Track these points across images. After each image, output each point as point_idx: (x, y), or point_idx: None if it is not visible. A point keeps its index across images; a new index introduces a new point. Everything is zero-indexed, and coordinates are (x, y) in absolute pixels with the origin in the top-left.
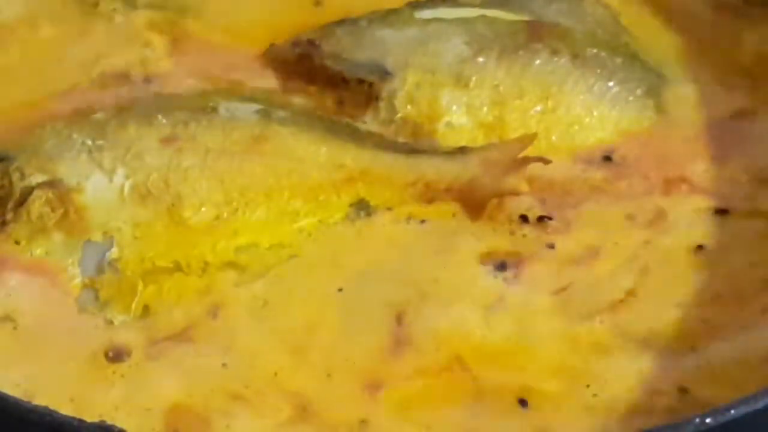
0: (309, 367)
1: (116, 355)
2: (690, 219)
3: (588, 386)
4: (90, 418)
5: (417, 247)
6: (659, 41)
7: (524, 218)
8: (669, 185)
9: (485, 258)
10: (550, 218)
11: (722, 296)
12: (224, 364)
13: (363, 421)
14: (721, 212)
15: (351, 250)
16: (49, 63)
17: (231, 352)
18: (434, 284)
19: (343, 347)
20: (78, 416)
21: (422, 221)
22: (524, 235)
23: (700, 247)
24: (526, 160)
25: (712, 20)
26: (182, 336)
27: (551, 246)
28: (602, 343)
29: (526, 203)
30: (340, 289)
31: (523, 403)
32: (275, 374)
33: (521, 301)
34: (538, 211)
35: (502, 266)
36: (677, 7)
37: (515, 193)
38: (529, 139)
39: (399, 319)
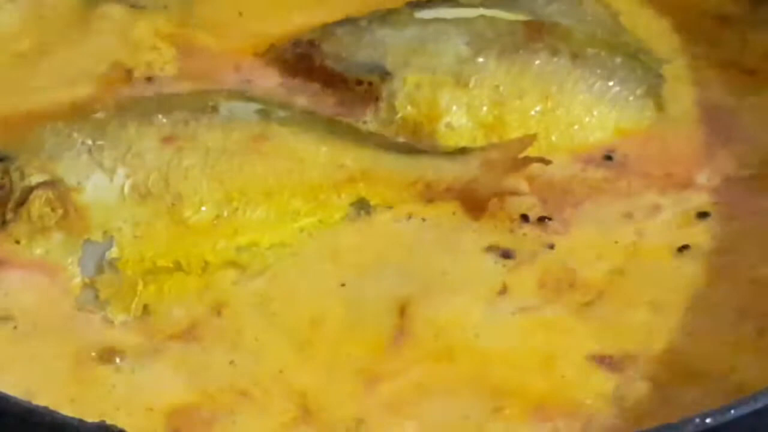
0: (312, 363)
1: (116, 355)
2: (689, 219)
3: (579, 386)
4: (90, 418)
5: (419, 243)
6: (659, 41)
7: (525, 217)
8: (669, 185)
9: (488, 250)
10: (550, 219)
11: (700, 303)
12: (232, 362)
13: (360, 420)
14: (719, 212)
15: (352, 248)
16: (50, 63)
17: (238, 349)
18: (438, 277)
19: (347, 342)
20: (78, 416)
21: (423, 219)
22: (524, 234)
23: (685, 246)
24: (527, 161)
25: (713, 19)
26: (187, 335)
27: (551, 246)
28: (592, 344)
29: (528, 203)
30: (343, 284)
31: (517, 397)
32: (281, 371)
33: (521, 295)
34: (539, 211)
35: (505, 254)
36: (677, 7)
37: (516, 193)
38: (529, 139)
39: (402, 311)
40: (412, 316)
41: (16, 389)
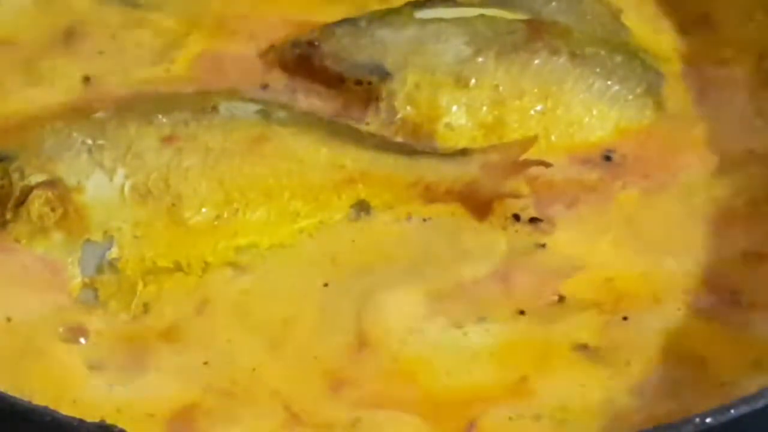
0: (283, 363)
1: (115, 356)
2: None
3: (568, 387)
4: (90, 418)
5: (418, 245)
6: (659, 39)
7: (516, 217)
8: (668, 184)
9: (478, 260)
10: (541, 220)
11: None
12: (206, 362)
13: (357, 419)
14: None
15: (351, 250)
16: (50, 63)
17: (212, 349)
18: (432, 279)
19: (314, 344)
20: (78, 416)
21: (423, 221)
22: (516, 231)
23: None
24: (527, 163)
25: (713, 19)
26: (169, 334)
27: (542, 245)
28: (577, 351)
29: (521, 202)
30: (326, 285)
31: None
32: (254, 369)
33: (503, 303)
34: (531, 212)
35: (495, 272)
36: (677, 5)
37: (516, 195)
38: (529, 141)
39: (368, 315)
40: (380, 321)
41: (15, 389)
